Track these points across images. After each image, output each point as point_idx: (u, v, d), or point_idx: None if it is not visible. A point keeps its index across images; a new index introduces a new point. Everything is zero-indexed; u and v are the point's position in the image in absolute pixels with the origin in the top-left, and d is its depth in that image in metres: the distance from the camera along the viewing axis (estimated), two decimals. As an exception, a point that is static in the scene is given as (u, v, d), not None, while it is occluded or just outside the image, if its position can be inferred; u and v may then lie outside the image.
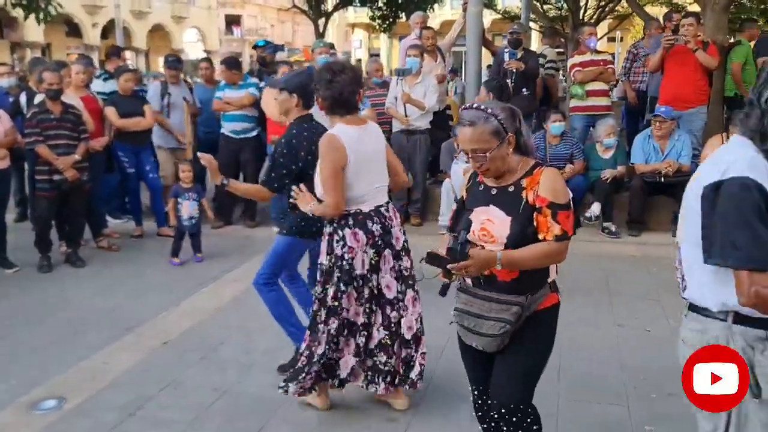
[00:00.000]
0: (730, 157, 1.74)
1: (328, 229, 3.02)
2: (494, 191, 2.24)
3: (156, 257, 5.81)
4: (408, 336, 3.11)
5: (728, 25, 9.04)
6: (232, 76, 6.76)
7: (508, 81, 6.77)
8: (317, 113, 3.25)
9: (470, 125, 2.15)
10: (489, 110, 2.15)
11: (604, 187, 6.24)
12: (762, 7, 13.86)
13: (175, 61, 6.95)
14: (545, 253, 2.13)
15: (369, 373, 3.11)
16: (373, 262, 2.99)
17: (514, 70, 6.82)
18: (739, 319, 1.79)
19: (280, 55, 8.67)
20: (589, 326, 4.15)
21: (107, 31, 29.86)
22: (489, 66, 8.40)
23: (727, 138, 6.05)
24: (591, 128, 6.98)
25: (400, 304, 3.08)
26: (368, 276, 3.00)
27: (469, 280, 2.29)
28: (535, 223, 2.14)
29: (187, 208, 5.65)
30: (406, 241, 3.14)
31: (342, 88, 2.92)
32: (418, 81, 6.35)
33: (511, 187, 2.20)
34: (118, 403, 3.30)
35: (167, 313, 4.52)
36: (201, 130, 7.01)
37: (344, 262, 2.95)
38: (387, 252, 3.03)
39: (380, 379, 3.08)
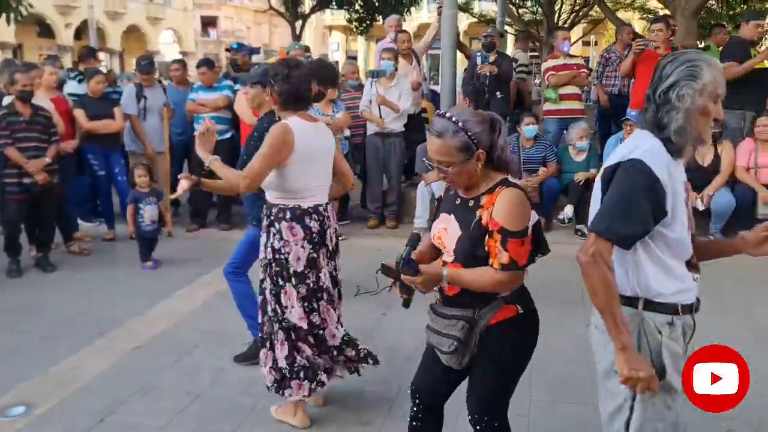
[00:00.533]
0: (633, 144, 1.92)
1: (265, 222, 3.04)
2: (458, 201, 2.19)
3: (128, 261, 5.75)
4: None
5: (698, 31, 9.23)
6: (208, 78, 6.72)
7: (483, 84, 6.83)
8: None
9: (438, 136, 2.06)
10: (461, 123, 2.04)
11: (578, 190, 6.32)
12: (731, 13, 14.15)
13: (147, 65, 6.88)
14: (489, 281, 2.05)
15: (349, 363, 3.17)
16: (310, 258, 2.99)
17: (488, 74, 6.87)
18: (649, 305, 1.92)
19: (256, 58, 8.61)
20: (562, 327, 4.19)
21: (80, 31, 29.43)
22: (466, 69, 8.47)
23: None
24: (564, 131, 7.07)
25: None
26: (306, 272, 2.98)
27: (438, 295, 2.26)
28: (486, 247, 2.07)
29: (149, 213, 5.60)
30: (337, 243, 3.17)
31: (299, 84, 2.95)
32: (393, 84, 6.38)
33: (471, 201, 2.13)
34: (89, 408, 3.26)
35: (140, 317, 4.48)
36: (173, 132, 6.95)
37: (281, 256, 2.96)
38: (322, 251, 3.04)
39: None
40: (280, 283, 2.98)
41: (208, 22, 41.06)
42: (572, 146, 6.60)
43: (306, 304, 3.00)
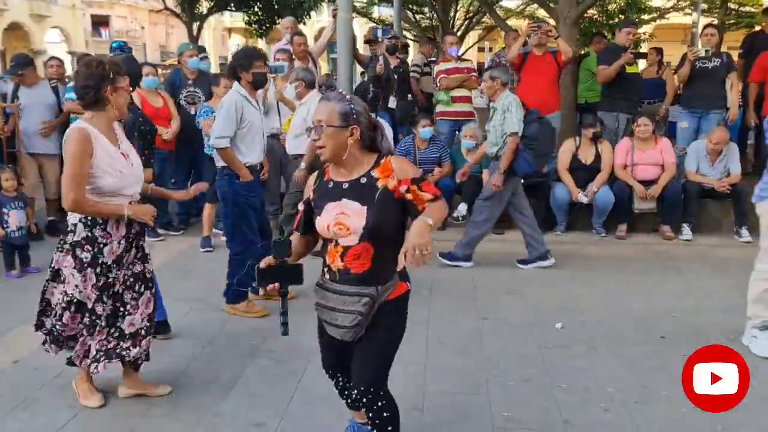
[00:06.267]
0: None
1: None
2: (345, 185, 2.34)
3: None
4: (128, 331, 3.17)
5: (581, 39, 9.77)
6: None
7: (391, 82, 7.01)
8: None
9: (326, 100, 2.32)
10: (348, 97, 2.34)
11: (470, 189, 6.52)
12: (610, 22, 15.11)
13: (15, 67, 6.49)
14: (441, 208, 2.27)
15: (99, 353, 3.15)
16: (118, 256, 3.08)
17: (395, 75, 7.07)
18: None
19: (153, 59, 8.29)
20: (454, 321, 4.32)
21: (-45, 29, 27.33)
22: (362, 73, 8.55)
23: (580, 141, 6.56)
24: (457, 132, 7.28)
25: (133, 303, 3.18)
26: (111, 266, 3.06)
27: (327, 275, 2.39)
28: (397, 211, 2.30)
29: (15, 218, 5.29)
30: (149, 245, 3.35)
31: (99, 83, 2.95)
32: (288, 85, 6.32)
33: (363, 179, 2.32)
34: (-42, 429, 3.04)
35: (18, 329, 4.20)
36: None
37: (95, 245, 3.01)
38: (134, 252, 3.16)
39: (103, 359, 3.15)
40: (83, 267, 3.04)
41: (100, 22, 39.11)
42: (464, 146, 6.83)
43: (104, 293, 3.08)
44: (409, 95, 7.12)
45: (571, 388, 3.42)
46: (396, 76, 7.49)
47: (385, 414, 2.39)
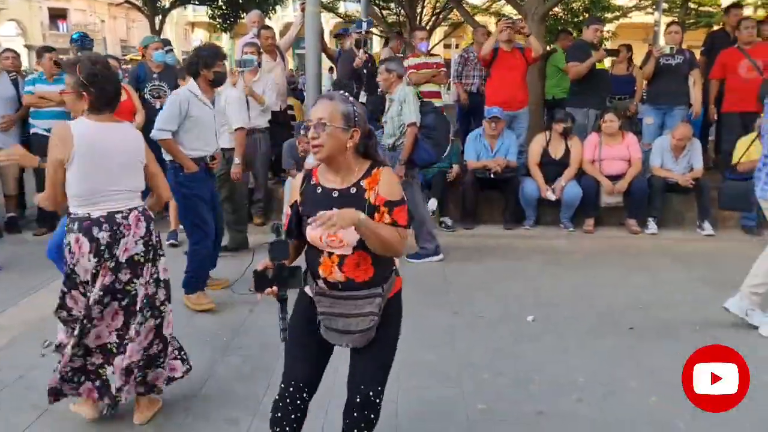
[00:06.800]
0: None
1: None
2: (335, 194, 2.24)
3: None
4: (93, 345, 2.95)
5: (547, 36, 9.87)
6: (52, 68, 6.27)
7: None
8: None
9: (329, 99, 2.23)
10: (351, 99, 2.26)
11: (441, 184, 6.54)
12: (575, 20, 15.32)
13: None
14: (393, 234, 2.19)
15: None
16: (94, 272, 2.84)
17: (365, 71, 7.03)
18: None
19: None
20: (427, 316, 4.31)
21: None
22: (330, 69, 8.51)
23: (550, 136, 6.63)
24: (426, 128, 7.27)
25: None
26: (88, 284, 2.87)
27: (323, 285, 2.28)
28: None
29: None
30: (139, 254, 2.91)
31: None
32: (256, 79, 6.24)
33: (353, 188, 2.24)
34: None
35: (-21, 329, 4.07)
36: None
37: (67, 267, 2.87)
38: (108, 263, 2.84)
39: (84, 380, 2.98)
40: (65, 289, 2.90)
41: (58, 15, 38.11)
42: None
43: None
44: (379, 90, 7.10)
45: (544, 380, 3.45)
46: (365, 71, 7.46)
47: (375, 419, 2.31)
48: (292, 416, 2.31)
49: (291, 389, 2.32)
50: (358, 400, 2.27)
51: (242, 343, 3.92)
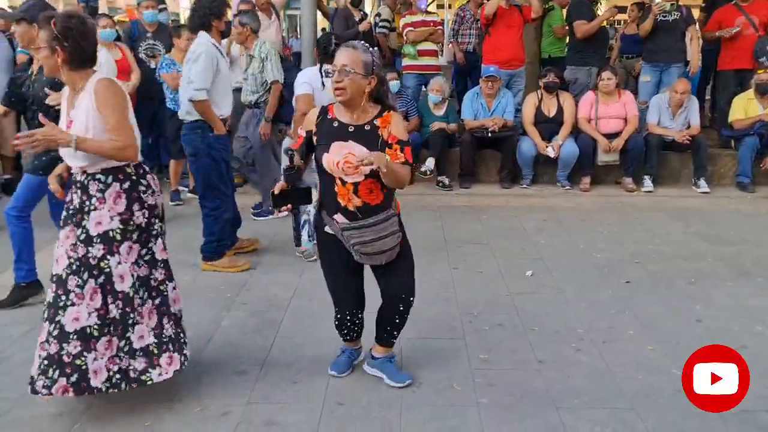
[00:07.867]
0: None
1: (120, 187, 2.71)
2: (351, 128, 2.62)
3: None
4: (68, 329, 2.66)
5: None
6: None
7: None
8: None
9: (353, 48, 2.57)
10: (371, 49, 2.61)
11: (438, 143, 6.55)
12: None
13: None
14: (406, 171, 2.60)
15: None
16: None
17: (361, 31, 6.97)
18: None
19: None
20: (427, 271, 4.36)
21: None
22: (324, 29, 8.39)
23: (542, 94, 6.62)
24: (423, 87, 7.26)
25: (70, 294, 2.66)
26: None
27: (343, 218, 2.65)
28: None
29: None
30: (115, 230, 2.67)
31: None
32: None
33: (367, 126, 2.62)
34: None
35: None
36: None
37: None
38: (69, 230, 2.67)
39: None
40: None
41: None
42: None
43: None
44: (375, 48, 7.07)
45: (543, 330, 3.53)
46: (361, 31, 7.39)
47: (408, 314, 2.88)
48: (356, 328, 2.98)
49: (348, 315, 2.91)
50: (401, 307, 2.82)
51: (245, 299, 3.97)
